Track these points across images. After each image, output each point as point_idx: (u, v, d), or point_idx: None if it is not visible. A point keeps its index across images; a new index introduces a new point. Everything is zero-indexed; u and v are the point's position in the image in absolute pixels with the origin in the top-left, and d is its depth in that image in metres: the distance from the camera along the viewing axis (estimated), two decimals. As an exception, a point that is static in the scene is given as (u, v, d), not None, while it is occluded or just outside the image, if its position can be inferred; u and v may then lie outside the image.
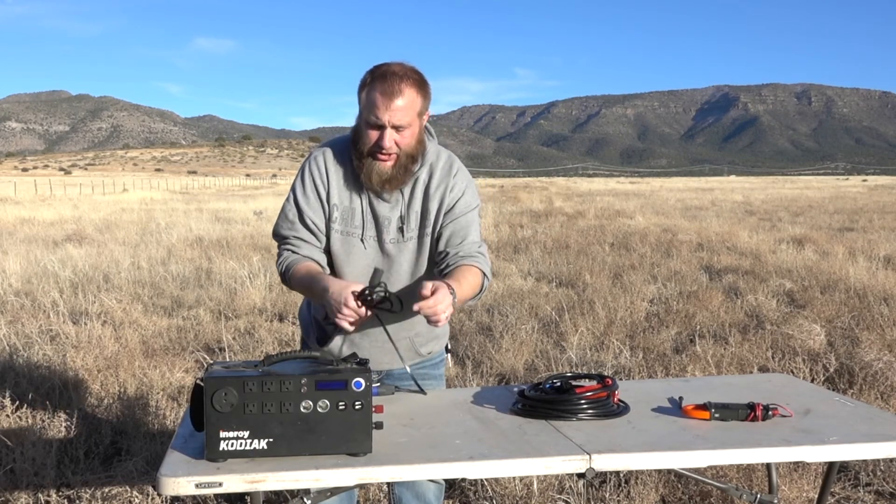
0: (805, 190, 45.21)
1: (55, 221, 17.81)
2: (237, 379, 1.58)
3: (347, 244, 2.06)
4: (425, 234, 2.07)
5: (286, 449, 1.60)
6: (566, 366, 4.79)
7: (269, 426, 1.59)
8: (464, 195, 2.08)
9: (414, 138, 1.95)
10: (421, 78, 1.94)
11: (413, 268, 2.10)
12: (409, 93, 1.89)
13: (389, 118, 1.88)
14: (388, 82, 1.87)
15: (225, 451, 1.58)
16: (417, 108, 1.92)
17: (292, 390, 1.58)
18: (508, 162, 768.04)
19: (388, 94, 1.87)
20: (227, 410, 1.57)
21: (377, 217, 2.04)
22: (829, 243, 11.52)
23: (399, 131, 1.91)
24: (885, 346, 5.03)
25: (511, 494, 3.00)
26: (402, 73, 1.90)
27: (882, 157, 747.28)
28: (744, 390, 2.14)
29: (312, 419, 1.59)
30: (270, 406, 1.58)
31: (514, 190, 42.52)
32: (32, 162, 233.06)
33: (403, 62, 1.95)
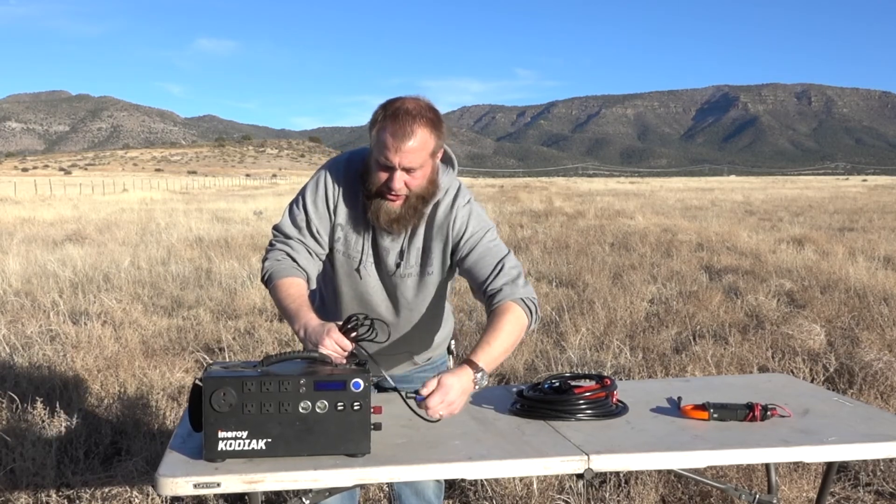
0: (805, 190, 45.20)
1: (55, 221, 17.81)
2: (236, 379, 1.58)
3: (348, 265, 2.03)
4: (428, 273, 2.01)
5: (284, 449, 1.60)
6: (566, 366, 4.79)
7: (268, 426, 1.59)
8: (469, 223, 1.97)
9: (425, 179, 1.88)
10: (435, 116, 1.86)
11: (412, 303, 2.05)
12: (422, 134, 1.80)
13: (400, 160, 1.80)
14: (400, 123, 1.79)
15: (223, 452, 1.59)
16: (430, 148, 1.85)
17: (291, 391, 1.58)
18: (508, 162, 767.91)
19: (399, 135, 1.78)
20: (226, 410, 1.57)
21: (378, 247, 1.99)
22: (829, 243, 11.52)
23: (410, 173, 1.83)
24: (885, 346, 5.03)
25: (511, 494, 3.00)
26: (416, 112, 1.81)
27: (882, 157, 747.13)
28: (743, 390, 2.14)
29: (311, 419, 1.59)
30: (269, 406, 1.58)
31: (514, 190, 42.51)
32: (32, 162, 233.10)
33: (419, 98, 1.87)
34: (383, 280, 2.03)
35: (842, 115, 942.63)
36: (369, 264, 2.01)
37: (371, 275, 2.02)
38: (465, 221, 1.98)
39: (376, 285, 2.04)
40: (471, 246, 1.96)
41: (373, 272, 2.02)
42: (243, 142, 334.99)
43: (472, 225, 1.98)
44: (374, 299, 2.04)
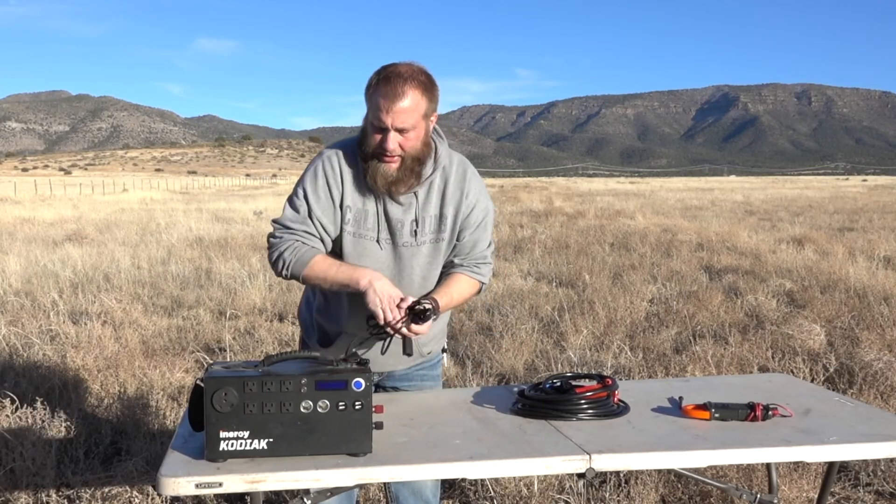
0: (805, 190, 45.19)
1: (55, 221, 17.81)
2: (237, 379, 1.58)
3: (360, 246, 2.02)
4: (441, 239, 2.05)
5: (286, 449, 1.60)
6: (566, 366, 4.79)
7: (269, 426, 1.59)
8: (478, 202, 2.07)
9: (419, 140, 1.92)
10: (427, 79, 1.91)
11: (426, 271, 2.07)
12: (413, 95, 1.86)
13: (392, 121, 1.85)
14: (392, 84, 1.84)
15: (225, 452, 1.59)
16: (422, 110, 1.89)
17: (292, 390, 1.59)
18: (508, 162, 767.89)
19: (391, 96, 1.84)
20: (227, 410, 1.58)
21: (390, 220, 2.01)
22: (829, 243, 11.52)
23: (403, 134, 1.88)
24: (885, 346, 5.03)
25: (511, 494, 3.00)
26: (408, 74, 1.86)
27: (882, 157, 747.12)
28: (744, 390, 2.14)
29: (312, 419, 1.60)
30: (270, 406, 1.59)
31: (514, 190, 42.50)
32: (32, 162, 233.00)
33: (412, 63, 1.91)
34: (398, 252, 2.04)
35: (842, 115, 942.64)
36: (384, 239, 2.02)
37: (385, 248, 2.03)
38: (478, 196, 2.07)
39: (389, 259, 2.04)
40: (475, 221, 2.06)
41: (387, 246, 2.03)
42: (243, 142, 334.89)
43: (482, 201, 2.08)
44: (388, 274, 2.02)
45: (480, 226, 2.08)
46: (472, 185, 2.06)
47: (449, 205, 2.03)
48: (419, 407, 2.04)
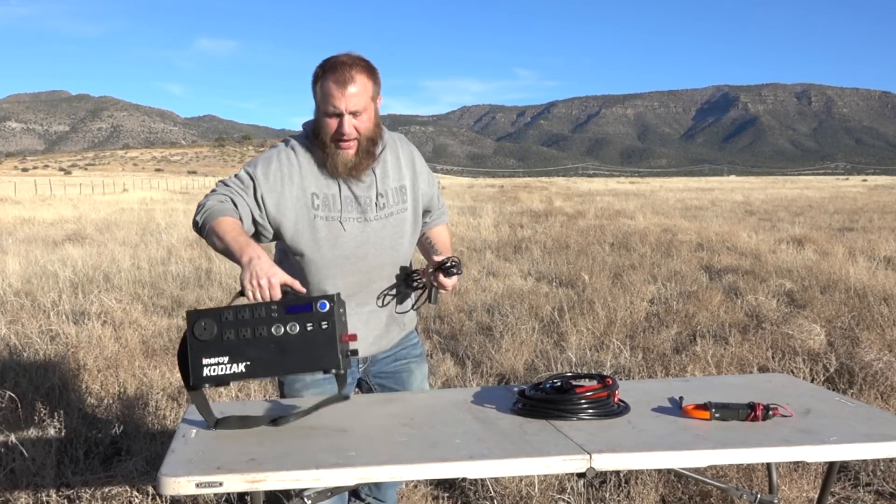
0: (805, 190, 45.20)
1: (55, 221, 17.81)
2: (214, 310, 1.76)
3: (334, 228, 2.11)
4: (405, 210, 2.20)
5: (263, 370, 1.75)
6: (566, 366, 4.79)
7: (246, 351, 1.74)
8: (423, 167, 2.29)
9: (371, 122, 2.06)
10: (369, 64, 2.05)
11: (395, 241, 2.20)
12: (361, 78, 1.99)
13: (346, 105, 1.98)
14: (340, 72, 1.97)
15: (208, 377, 1.74)
16: (370, 92, 2.03)
17: (264, 316, 1.75)
18: (508, 162, 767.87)
19: (340, 82, 1.97)
20: (207, 339, 1.74)
21: (357, 198, 2.13)
22: (829, 243, 11.52)
23: (356, 117, 2.01)
24: (885, 346, 5.03)
25: (511, 494, 3.00)
26: (351, 61, 2.00)
27: (882, 157, 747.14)
28: (744, 390, 2.14)
29: (284, 341, 1.75)
30: (245, 332, 1.74)
31: (514, 190, 42.51)
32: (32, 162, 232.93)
33: (350, 52, 2.06)
34: (371, 227, 2.14)
35: (842, 115, 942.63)
36: (351, 218, 2.12)
37: (356, 227, 2.13)
38: (422, 165, 2.29)
39: (361, 236, 2.13)
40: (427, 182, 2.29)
41: (358, 224, 2.13)
42: (243, 142, 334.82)
43: (425, 169, 2.31)
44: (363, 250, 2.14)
45: (432, 182, 2.33)
46: (414, 155, 2.27)
47: (405, 177, 2.22)
48: (419, 407, 2.04)
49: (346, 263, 2.13)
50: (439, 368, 4.79)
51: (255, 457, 1.64)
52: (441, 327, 6.12)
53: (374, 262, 2.16)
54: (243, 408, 2.14)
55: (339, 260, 2.12)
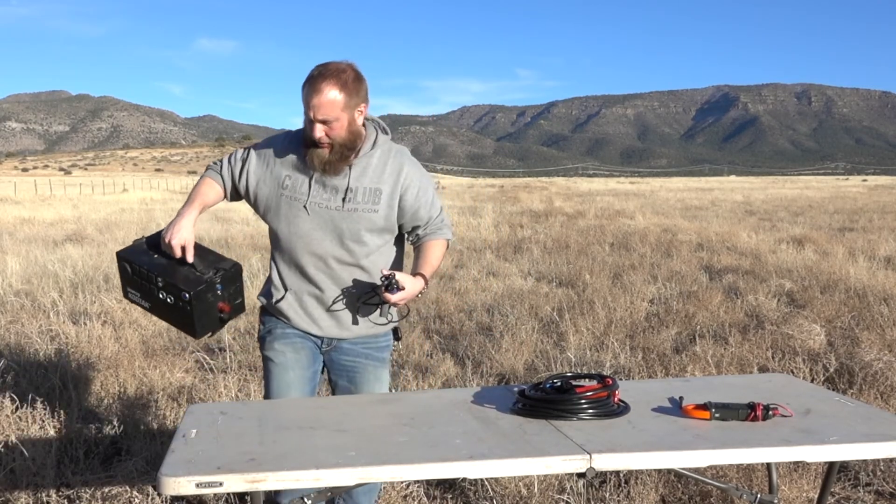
0: (805, 190, 45.20)
1: (55, 221, 17.81)
2: (127, 261, 2.23)
3: (294, 207, 2.29)
4: (374, 211, 2.28)
5: (158, 315, 2.24)
6: (566, 366, 4.79)
7: (148, 296, 2.22)
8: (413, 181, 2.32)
9: (344, 129, 2.18)
10: (345, 77, 2.15)
11: (355, 235, 2.29)
12: (330, 91, 2.12)
13: (314, 114, 2.14)
14: (313, 83, 2.13)
15: (130, 299, 2.28)
16: (340, 104, 2.14)
17: (153, 283, 2.18)
18: (508, 162, 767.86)
19: (311, 93, 2.13)
20: (128, 276, 2.25)
21: (325, 186, 2.27)
22: (829, 243, 11.52)
23: (327, 124, 2.15)
24: (885, 346, 5.03)
25: (511, 494, 3.00)
26: (329, 73, 2.14)
27: (882, 157, 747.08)
28: (744, 390, 2.14)
29: (165, 304, 2.19)
30: (145, 285, 2.21)
31: (514, 190, 42.51)
32: (32, 162, 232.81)
33: (342, 62, 2.19)
34: (330, 214, 2.28)
35: (842, 115, 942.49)
36: (315, 203, 2.28)
37: (313, 211, 2.28)
38: (412, 178, 2.33)
39: (317, 220, 2.28)
40: (420, 199, 2.33)
41: (317, 209, 2.28)
42: (243, 142, 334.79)
43: (415, 183, 2.33)
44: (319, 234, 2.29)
45: (426, 200, 2.36)
46: (406, 167, 2.32)
47: (385, 182, 2.29)
48: (419, 407, 2.05)
49: (301, 242, 2.31)
50: (439, 368, 4.79)
51: (255, 457, 1.64)
52: (441, 327, 6.12)
53: (329, 248, 2.29)
54: (243, 407, 2.15)
55: (295, 238, 2.31)
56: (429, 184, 2.39)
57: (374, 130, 2.33)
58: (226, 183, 2.39)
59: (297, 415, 2.02)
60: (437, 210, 2.41)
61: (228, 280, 2.23)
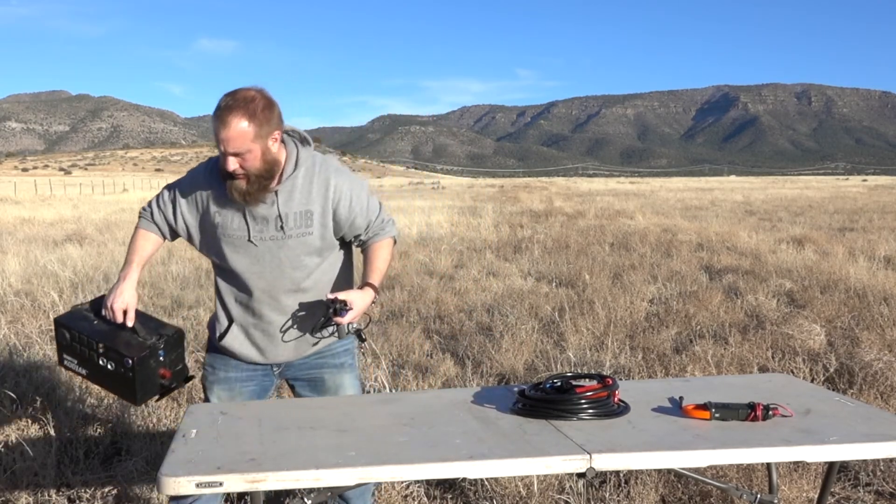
0: (805, 190, 45.19)
1: (55, 221, 17.81)
2: (67, 328, 2.19)
3: (229, 244, 2.25)
4: (308, 234, 2.23)
5: (96, 382, 2.21)
6: (566, 366, 4.79)
7: (86, 363, 2.18)
8: (343, 192, 2.25)
9: (258, 160, 2.10)
10: (254, 107, 2.05)
11: (296, 262, 2.25)
12: (237, 125, 2.03)
13: (225, 148, 2.06)
14: (220, 115, 2.05)
15: (66, 366, 2.24)
16: (250, 136, 2.05)
17: (93, 349, 2.15)
18: (508, 162, 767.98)
19: (219, 127, 2.05)
20: (66, 343, 2.21)
21: (255, 217, 2.20)
22: (829, 243, 11.52)
23: (240, 156, 2.08)
24: (885, 346, 5.03)
25: (511, 494, 3.00)
26: (235, 104, 2.05)
27: (882, 157, 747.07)
28: (744, 390, 2.14)
29: (104, 371, 2.15)
30: (84, 351, 2.17)
31: (514, 190, 42.51)
32: (32, 162, 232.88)
33: (250, 89, 2.09)
34: (266, 245, 2.23)
35: (842, 115, 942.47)
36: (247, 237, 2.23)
37: (253, 245, 2.23)
38: (342, 189, 2.25)
39: (258, 253, 2.24)
40: (348, 205, 2.26)
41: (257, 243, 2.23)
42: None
43: (346, 193, 2.25)
44: (257, 267, 2.25)
45: (360, 207, 2.29)
46: (333, 179, 2.24)
47: (315, 202, 2.22)
48: (419, 407, 2.05)
49: (241, 277, 2.26)
50: (439, 368, 4.79)
51: (255, 457, 1.64)
52: (441, 327, 6.12)
53: (271, 278, 2.25)
54: (243, 407, 2.15)
55: (235, 273, 2.27)
56: (360, 189, 2.30)
57: (293, 147, 2.22)
58: (161, 228, 2.33)
59: (297, 415, 2.02)
60: (374, 213, 2.33)
61: (171, 346, 2.21)
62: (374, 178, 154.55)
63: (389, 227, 2.39)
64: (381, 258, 2.34)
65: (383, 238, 2.36)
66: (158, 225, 2.33)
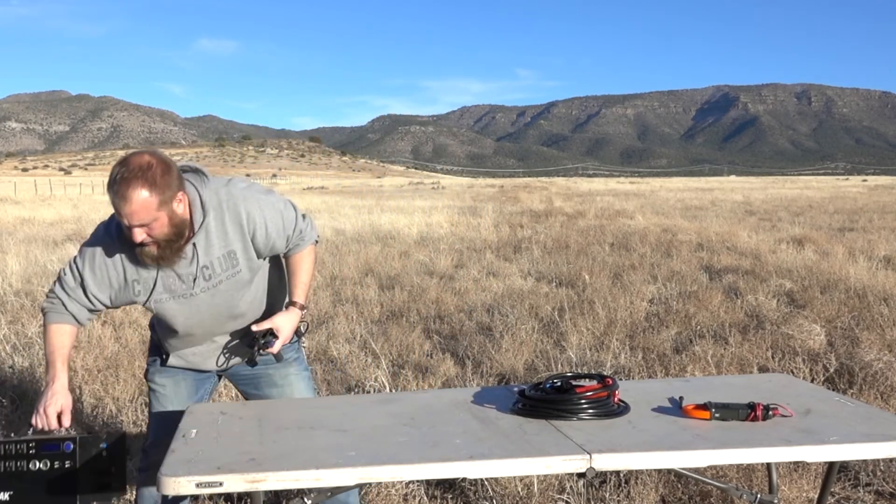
0: (805, 190, 45.18)
1: (55, 221, 17.82)
2: None
3: (160, 307, 2.20)
4: (237, 273, 2.19)
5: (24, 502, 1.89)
6: (566, 366, 4.79)
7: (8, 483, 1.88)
8: (258, 219, 2.17)
9: (166, 227, 2.02)
10: (151, 175, 1.95)
11: (233, 302, 2.23)
12: (138, 197, 1.93)
13: (129, 222, 1.97)
14: (118, 191, 1.93)
15: None
16: (153, 205, 1.96)
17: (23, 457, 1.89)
18: (508, 162, 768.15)
19: (119, 202, 1.94)
20: None
21: (179, 276, 2.14)
22: (829, 243, 11.51)
23: (146, 226, 1.99)
24: (885, 346, 5.03)
25: (511, 494, 3.00)
26: (131, 175, 1.93)
27: (882, 157, 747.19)
28: (744, 390, 2.14)
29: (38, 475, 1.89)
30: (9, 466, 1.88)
31: (514, 190, 42.51)
32: (32, 162, 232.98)
33: (143, 154, 1.99)
34: (199, 298, 2.18)
35: (842, 115, 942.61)
36: (177, 296, 2.17)
37: (181, 303, 2.18)
38: (255, 218, 2.17)
39: (192, 307, 2.19)
40: (264, 232, 2.19)
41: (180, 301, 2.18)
42: (243, 142, 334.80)
43: (259, 220, 2.17)
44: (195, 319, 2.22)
45: (276, 229, 2.21)
46: (243, 210, 2.15)
47: (234, 241, 2.16)
48: (419, 407, 2.05)
49: (183, 327, 2.24)
50: (439, 368, 4.79)
51: (255, 457, 1.64)
52: (441, 327, 6.12)
53: (210, 323, 2.24)
54: (243, 407, 2.15)
55: (175, 326, 2.23)
56: (272, 210, 2.21)
57: (195, 193, 2.11)
58: (78, 316, 2.19)
59: (297, 415, 2.02)
60: (291, 226, 2.26)
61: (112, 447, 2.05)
62: (375, 178, 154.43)
63: (309, 233, 2.33)
64: (304, 270, 2.31)
65: (304, 247, 2.31)
66: (73, 313, 2.18)
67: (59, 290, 2.18)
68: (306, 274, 2.31)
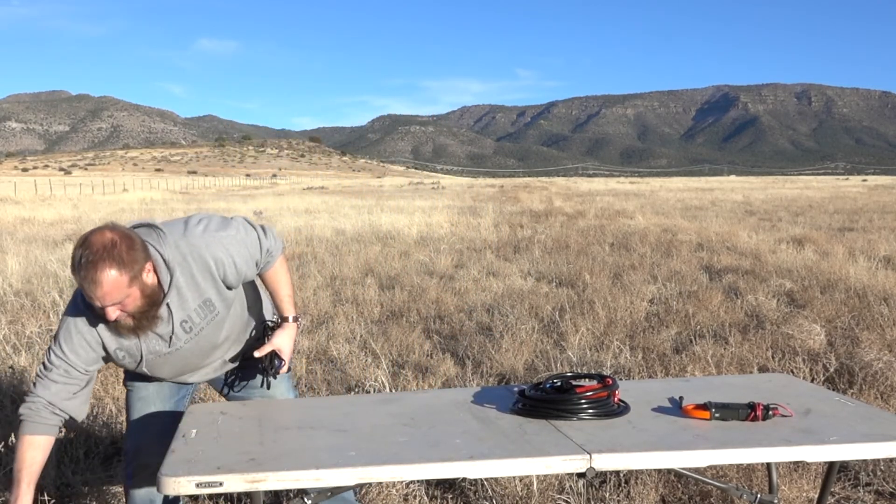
0: (805, 190, 45.17)
1: (55, 221, 17.81)
2: None
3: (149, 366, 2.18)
4: (216, 315, 2.18)
5: None
6: (566, 366, 4.79)
7: None
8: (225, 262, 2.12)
9: (139, 300, 1.97)
10: (118, 253, 1.88)
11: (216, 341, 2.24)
12: (107, 278, 1.86)
13: (101, 304, 1.91)
14: (85, 273, 1.86)
15: None
16: (124, 283, 1.90)
17: None
18: (508, 162, 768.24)
19: (89, 287, 1.87)
20: None
21: (160, 336, 2.11)
22: (829, 243, 11.51)
23: (119, 304, 1.94)
24: (885, 346, 5.03)
25: (511, 494, 3.00)
26: (97, 258, 1.86)
27: (882, 157, 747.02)
28: (744, 390, 2.14)
29: None
30: None
31: (514, 190, 42.51)
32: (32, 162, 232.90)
33: (104, 231, 1.91)
34: (179, 352, 2.18)
35: (842, 115, 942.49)
36: (162, 354, 2.15)
37: (167, 358, 2.17)
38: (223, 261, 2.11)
39: (175, 361, 2.20)
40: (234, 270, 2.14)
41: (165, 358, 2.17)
42: (243, 142, 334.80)
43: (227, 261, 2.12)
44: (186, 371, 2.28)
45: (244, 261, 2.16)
46: (209, 256, 2.09)
47: (206, 289, 2.12)
48: (419, 407, 2.05)
49: (171, 376, 2.28)
50: (439, 368, 4.79)
51: (255, 457, 1.64)
52: (441, 327, 6.12)
53: (197, 362, 2.28)
54: (243, 407, 2.15)
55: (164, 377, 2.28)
56: (235, 244, 2.14)
57: (157, 255, 2.02)
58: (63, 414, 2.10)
59: (297, 415, 2.02)
60: (257, 251, 2.20)
61: None
62: (375, 177, 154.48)
63: (275, 249, 2.26)
64: (283, 283, 2.31)
65: (274, 262, 2.27)
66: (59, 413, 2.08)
67: (41, 390, 2.08)
68: (286, 286, 2.32)
